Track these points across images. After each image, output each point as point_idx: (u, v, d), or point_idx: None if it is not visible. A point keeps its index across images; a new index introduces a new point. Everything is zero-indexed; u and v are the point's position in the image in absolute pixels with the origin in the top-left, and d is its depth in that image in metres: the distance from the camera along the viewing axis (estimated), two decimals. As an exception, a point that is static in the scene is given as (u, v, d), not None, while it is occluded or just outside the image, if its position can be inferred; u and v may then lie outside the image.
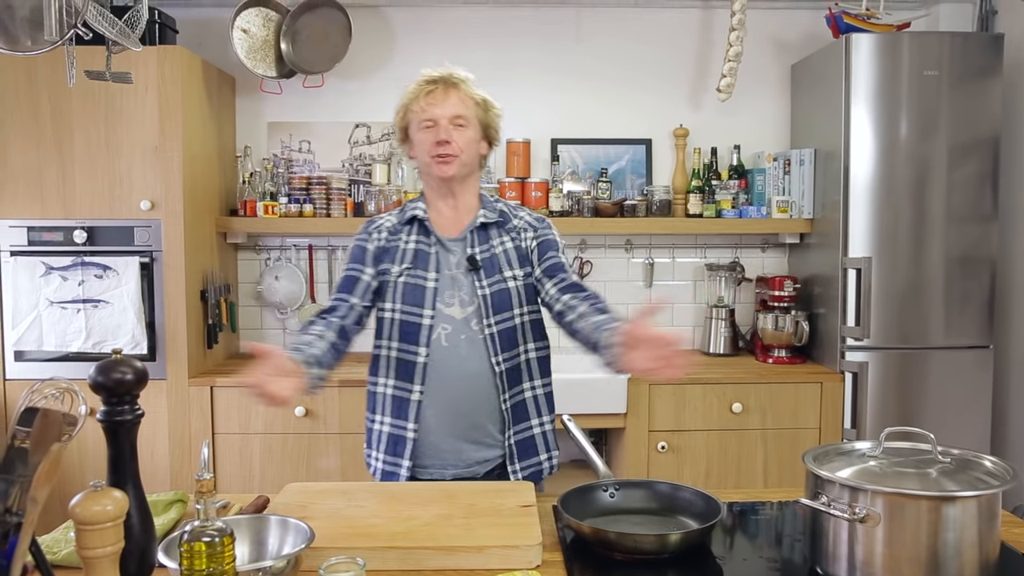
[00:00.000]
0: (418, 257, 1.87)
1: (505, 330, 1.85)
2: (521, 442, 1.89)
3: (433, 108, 1.84)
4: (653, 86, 3.60)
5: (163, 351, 3.02)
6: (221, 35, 3.34)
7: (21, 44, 1.73)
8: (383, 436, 1.93)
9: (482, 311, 1.83)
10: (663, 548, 1.39)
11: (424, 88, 1.88)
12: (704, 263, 3.62)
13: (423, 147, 1.85)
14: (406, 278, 1.86)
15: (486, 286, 1.84)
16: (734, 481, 3.07)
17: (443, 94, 1.85)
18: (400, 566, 1.35)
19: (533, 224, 1.93)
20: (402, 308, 1.86)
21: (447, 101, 1.85)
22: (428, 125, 1.84)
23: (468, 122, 1.86)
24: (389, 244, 1.90)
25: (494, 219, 1.90)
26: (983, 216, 3.09)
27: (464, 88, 1.88)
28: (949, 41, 3.06)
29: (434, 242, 1.88)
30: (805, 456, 1.36)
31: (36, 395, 1.04)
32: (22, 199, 2.97)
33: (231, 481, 3.02)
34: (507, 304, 1.85)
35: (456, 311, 1.84)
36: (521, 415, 1.89)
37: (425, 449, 1.87)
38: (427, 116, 1.84)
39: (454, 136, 1.83)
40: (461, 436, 1.86)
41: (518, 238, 1.90)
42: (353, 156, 3.56)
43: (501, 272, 1.86)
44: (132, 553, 1.17)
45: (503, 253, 1.88)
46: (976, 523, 1.20)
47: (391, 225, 1.93)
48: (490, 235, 1.90)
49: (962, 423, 3.11)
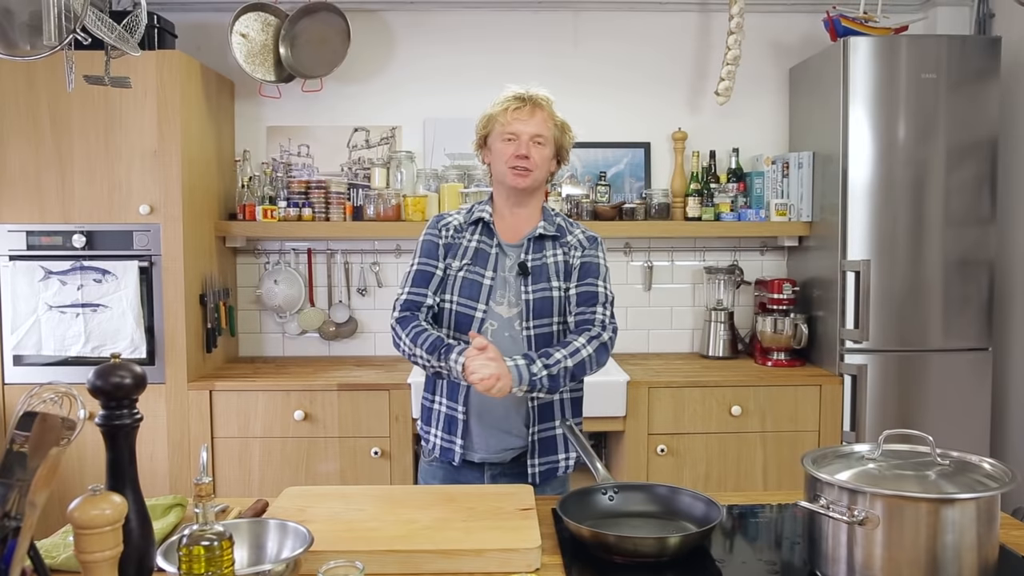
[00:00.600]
0: (478, 255, 2.03)
1: (543, 334, 1.99)
2: (544, 440, 2.01)
3: (518, 124, 1.98)
4: (651, 89, 3.60)
5: (162, 355, 3.02)
6: (220, 40, 3.34)
7: (20, 49, 1.73)
8: (441, 415, 2.05)
9: (523, 313, 1.99)
10: (662, 551, 1.39)
11: (512, 103, 2.01)
12: (703, 266, 3.63)
13: (502, 156, 1.99)
14: (465, 273, 2.01)
15: (531, 292, 2.00)
16: (733, 484, 3.06)
17: (529, 113, 1.99)
18: (399, 570, 1.35)
19: (584, 243, 2.07)
20: (458, 300, 2.00)
21: (532, 120, 1.99)
22: (510, 138, 1.98)
23: (546, 142, 2.00)
24: (454, 241, 2.05)
25: (551, 232, 2.04)
26: (981, 218, 3.10)
27: (547, 109, 2.02)
28: (947, 44, 3.07)
29: (495, 244, 2.04)
30: (804, 459, 1.36)
31: (35, 399, 1.04)
32: (21, 203, 2.97)
33: (230, 485, 3.02)
34: (548, 311, 2.00)
35: (504, 309, 2.00)
36: (546, 414, 2.01)
37: (471, 431, 2.01)
38: (511, 130, 1.98)
39: (532, 152, 1.97)
40: (493, 424, 2.00)
41: (569, 254, 2.05)
42: (352, 160, 3.57)
43: (548, 281, 2.01)
44: (131, 557, 1.17)
45: (553, 264, 2.03)
46: (975, 526, 1.20)
47: (457, 223, 2.07)
48: (545, 246, 2.04)
49: (961, 425, 3.11)
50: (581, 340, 1.94)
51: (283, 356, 3.60)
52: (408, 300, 2.00)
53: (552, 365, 1.87)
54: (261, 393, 3.02)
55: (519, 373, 1.82)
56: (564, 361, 1.89)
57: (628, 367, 3.22)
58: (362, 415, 3.02)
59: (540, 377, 1.85)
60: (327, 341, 3.59)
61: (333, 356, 3.59)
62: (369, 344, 3.62)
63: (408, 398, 2.98)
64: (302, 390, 3.02)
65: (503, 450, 2.00)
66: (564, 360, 1.89)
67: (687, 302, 3.66)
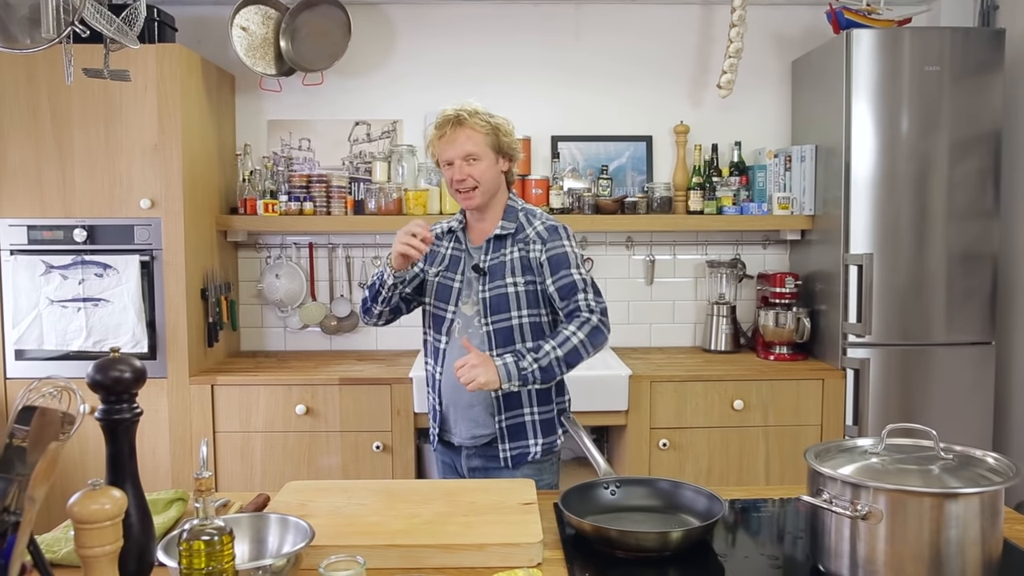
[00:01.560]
0: (451, 261, 2.17)
1: (501, 329, 2.08)
2: (512, 426, 2.10)
3: (447, 150, 2.06)
4: (653, 83, 3.59)
5: (164, 349, 3.02)
6: (220, 33, 3.33)
7: (20, 43, 1.73)
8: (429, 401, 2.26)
9: (481, 311, 2.09)
10: (664, 546, 1.39)
11: (438, 132, 2.08)
12: (705, 260, 3.62)
13: (447, 181, 2.11)
14: (440, 278, 2.17)
15: (487, 290, 2.09)
16: (736, 478, 3.06)
17: (452, 135, 2.05)
18: (401, 564, 1.34)
19: (542, 236, 2.10)
20: (434, 303, 2.17)
21: (456, 142, 2.04)
22: (447, 164, 2.08)
23: (481, 154, 2.05)
24: (435, 249, 2.21)
25: (509, 231, 2.11)
26: (985, 212, 3.08)
27: (471, 124, 2.05)
28: (950, 36, 3.05)
29: (464, 249, 2.17)
30: (807, 453, 1.35)
31: (34, 393, 1.03)
32: (22, 198, 2.97)
33: (232, 479, 3.02)
34: (504, 307, 2.07)
35: (468, 308, 2.13)
36: (513, 403, 2.10)
37: (447, 418, 2.17)
38: (444, 158, 2.08)
39: (467, 171, 2.04)
40: (462, 413, 2.13)
41: (525, 248, 2.10)
42: (353, 154, 3.56)
43: (503, 278, 2.08)
44: (131, 552, 1.17)
45: (510, 261, 2.09)
46: (979, 520, 1.20)
47: (438, 232, 2.23)
48: (504, 244, 2.11)
49: (964, 419, 3.10)
50: (571, 328, 2.01)
51: (285, 350, 3.59)
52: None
53: (541, 357, 1.96)
54: (263, 387, 3.02)
55: (507, 371, 1.93)
56: (554, 351, 1.97)
57: (630, 361, 3.21)
58: (364, 409, 3.02)
59: (532, 370, 1.94)
60: (328, 335, 3.59)
61: (335, 350, 3.59)
62: (371, 338, 3.62)
63: (410, 392, 2.97)
64: (304, 384, 3.01)
65: (474, 436, 2.12)
66: (554, 351, 1.97)
67: (689, 296, 3.65)
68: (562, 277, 2.06)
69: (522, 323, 2.08)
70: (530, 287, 2.08)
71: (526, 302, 2.08)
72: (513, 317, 2.08)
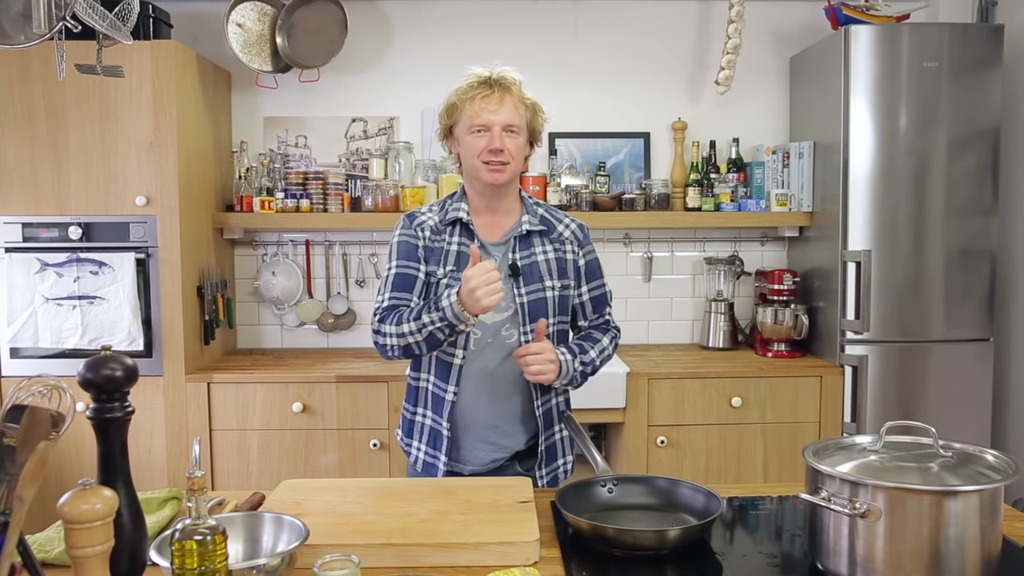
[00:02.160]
0: (461, 260, 1.86)
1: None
2: (549, 448, 1.93)
3: (488, 114, 1.80)
4: (651, 79, 3.58)
5: (160, 347, 3.00)
6: (216, 29, 3.32)
7: (13, 38, 1.72)
8: (425, 429, 1.93)
9: (519, 318, 1.85)
10: (662, 544, 1.38)
11: (478, 91, 1.82)
12: (703, 257, 3.61)
13: (472, 150, 1.82)
14: (449, 280, 1.84)
15: (524, 294, 1.85)
16: (734, 476, 3.05)
17: (498, 100, 1.81)
18: (396, 563, 1.33)
19: (578, 237, 1.95)
20: None
21: (503, 108, 1.81)
22: (480, 130, 1.81)
23: (520, 130, 1.84)
24: (434, 244, 1.88)
25: (538, 227, 1.90)
26: (983, 208, 3.08)
27: (517, 92, 1.85)
28: (949, 32, 3.04)
29: (478, 246, 1.85)
30: (805, 451, 1.34)
31: (23, 392, 1.02)
32: (16, 195, 2.95)
33: (229, 478, 3.01)
34: (542, 313, 1.86)
35: (487, 316, 1.83)
36: (549, 422, 1.92)
37: (458, 446, 1.90)
38: (480, 122, 1.81)
39: (507, 144, 1.81)
40: (480, 436, 1.89)
41: (561, 249, 1.91)
42: (350, 151, 3.55)
43: (541, 281, 1.87)
44: (123, 552, 1.16)
45: (544, 262, 1.89)
46: (978, 518, 1.19)
47: (433, 224, 1.90)
48: (532, 242, 1.89)
49: (962, 416, 3.10)
50: (605, 340, 1.92)
51: (281, 348, 3.58)
52: (390, 306, 1.84)
53: (588, 363, 1.86)
54: (259, 385, 3.01)
55: (567, 368, 1.80)
56: (596, 359, 1.88)
57: (628, 358, 3.20)
58: (361, 407, 3.01)
59: (577, 372, 1.84)
60: (325, 333, 3.58)
61: (331, 348, 3.58)
62: (367, 336, 3.59)
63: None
64: (300, 382, 3.00)
65: (491, 461, 1.90)
66: (595, 360, 1.88)
67: (687, 293, 3.64)
68: (597, 287, 1.96)
69: (553, 331, 1.89)
70: (564, 292, 1.90)
71: (559, 308, 1.89)
72: (548, 325, 1.86)
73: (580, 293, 1.95)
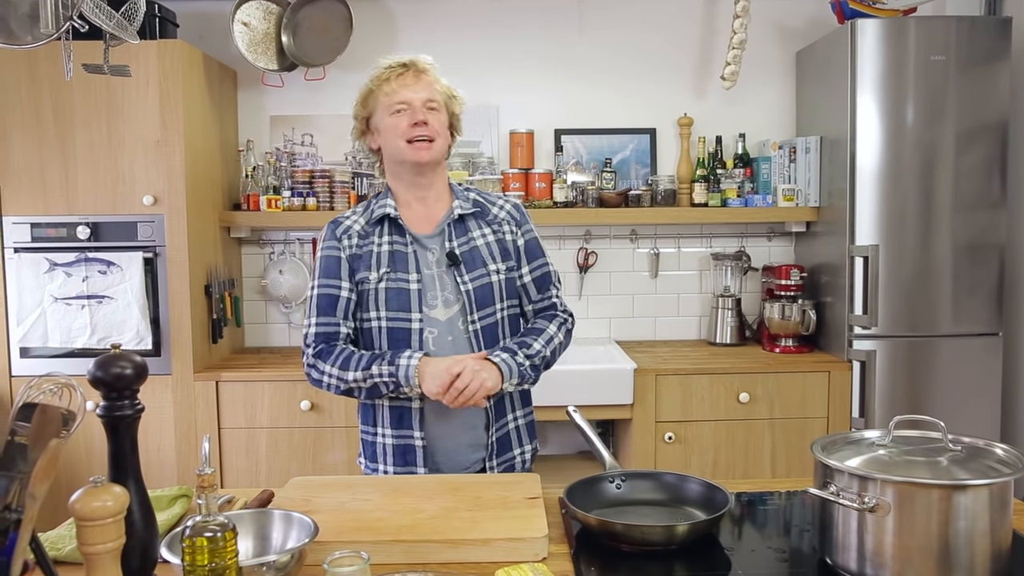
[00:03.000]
0: (395, 259, 1.79)
1: (488, 326, 1.81)
2: (500, 438, 1.85)
3: (405, 91, 1.78)
4: (657, 75, 3.57)
5: (168, 346, 3.01)
6: (222, 28, 3.32)
7: (20, 39, 1.72)
8: (388, 448, 1.84)
9: (466, 307, 1.78)
10: (670, 539, 1.38)
11: (394, 71, 1.80)
12: (710, 252, 3.60)
13: (395, 131, 1.78)
14: (387, 283, 1.78)
15: (468, 281, 1.79)
16: (742, 471, 3.05)
17: (414, 78, 1.79)
18: (405, 559, 1.33)
19: (514, 216, 1.88)
20: (387, 315, 1.78)
21: (419, 84, 1.79)
22: (401, 108, 1.77)
23: (440, 107, 1.81)
24: (361, 251, 1.81)
25: (470, 210, 1.84)
26: (991, 202, 3.06)
27: (432, 74, 1.83)
28: (956, 25, 3.03)
29: (410, 241, 1.80)
30: (813, 445, 1.34)
31: (34, 390, 1.03)
32: (25, 196, 2.97)
33: (237, 476, 3.02)
34: (489, 299, 1.80)
35: (440, 312, 1.78)
36: (501, 410, 1.86)
37: (434, 454, 1.83)
38: (399, 99, 1.77)
39: (430, 118, 1.77)
40: (457, 440, 1.83)
41: (500, 230, 1.85)
42: (356, 149, 3.55)
43: (485, 265, 1.81)
44: (134, 549, 1.16)
45: (485, 246, 1.82)
46: (988, 512, 1.18)
47: (360, 228, 1.83)
48: (468, 227, 1.83)
49: (971, 411, 3.09)
50: (551, 328, 1.83)
51: (289, 346, 3.59)
52: (318, 333, 1.78)
53: (534, 355, 1.77)
54: (267, 383, 3.01)
55: (508, 367, 1.71)
56: (543, 350, 1.78)
57: (635, 355, 3.20)
58: (368, 405, 3.01)
59: (525, 367, 1.74)
60: (333, 331, 3.58)
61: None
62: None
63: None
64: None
65: (471, 463, 1.84)
66: (543, 349, 1.78)
67: (694, 289, 3.64)
68: (539, 267, 1.87)
69: (503, 316, 1.82)
70: (510, 274, 1.84)
71: (507, 291, 1.83)
72: (497, 311, 1.81)
73: (521, 274, 1.86)
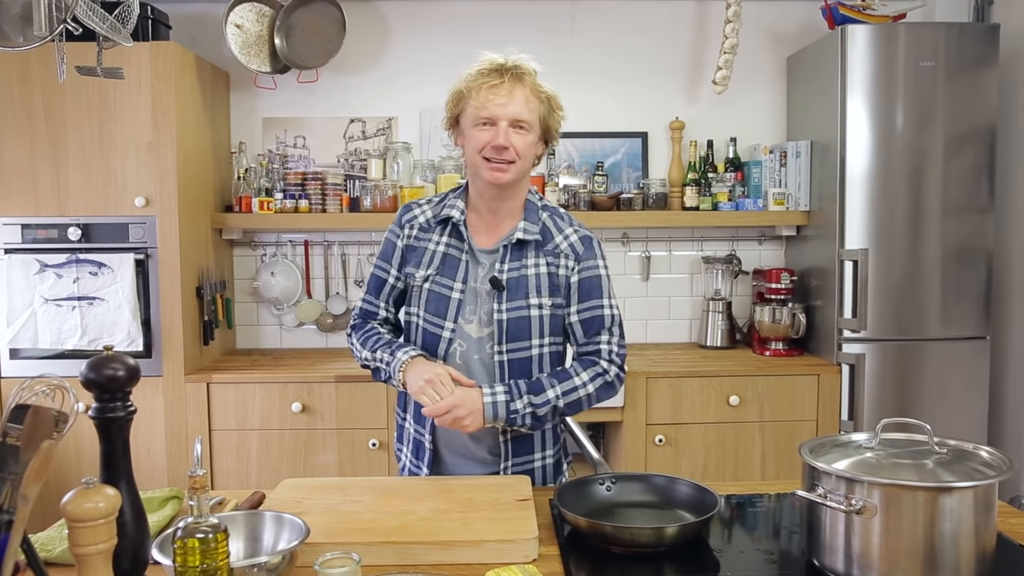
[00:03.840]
0: (446, 263, 1.75)
1: (518, 360, 1.72)
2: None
3: (494, 107, 1.64)
4: (649, 79, 3.59)
5: (159, 348, 3.01)
6: (215, 30, 3.32)
7: (13, 41, 1.72)
8: (410, 437, 1.86)
9: (495, 335, 1.71)
10: (660, 541, 1.39)
11: (487, 80, 1.66)
12: (701, 256, 3.62)
13: (475, 145, 1.67)
14: (431, 285, 1.75)
15: (504, 310, 1.70)
16: (731, 473, 3.06)
17: (508, 92, 1.64)
18: (396, 561, 1.34)
19: (576, 251, 1.75)
20: (425, 316, 1.76)
21: (512, 100, 1.64)
22: (485, 124, 1.66)
23: (530, 126, 1.67)
24: (417, 243, 1.78)
25: (533, 236, 1.73)
26: (979, 207, 3.09)
27: (530, 83, 1.68)
28: (945, 32, 3.05)
29: (466, 249, 1.75)
30: (802, 448, 1.35)
31: (26, 392, 1.03)
32: (16, 196, 2.96)
33: (228, 477, 3.02)
34: (525, 333, 1.71)
35: (473, 329, 1.73)
36: (523, 448, 1.79)
37: (440, 458, 1.82)
38: (486, 114, 1.65)
39: (513, 140, 1.65)
40: (461, 452, 1.80)
41: (555, 263, 1.74)
42: (348, 151, 3.55)
43: (526, 298, 1.71)
44: (126, 550, 1.17)
45: (534, 277, 1.72)
46: (973, 514, 1.20)
47: (424, 220, 1.79)
48: (525, 254, 1.73)
49: (959, 414, 3.11)
50: (583, 377, 1.71)
51: (280, 348, 3.59)
52: (363, 309, 1.86)
53: (540, 404, 1.65)
54: (259, 385, 3.01)
55: (495, 411, 1.62)
56: (556, 401, 1.67)
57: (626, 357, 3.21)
58: (360, 407, 3.01)
59: (523, 415, 1.64)
60: (324, 333, 3.58)
61: (330, 348, 3.58)
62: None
63: (406, 390, 2.97)
64: (300, 382, 3.01)
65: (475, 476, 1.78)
66: (556, 400, 1.67)
67: (685, 292, 3.65)
68: (591, 308, 1.74)
69: (543, 353, 1.73)
70: (556, 311, 1.73)
71: (549, 328, 1.72)
72: (534, 346, 1.72)
73: (569, 312, 1.75)
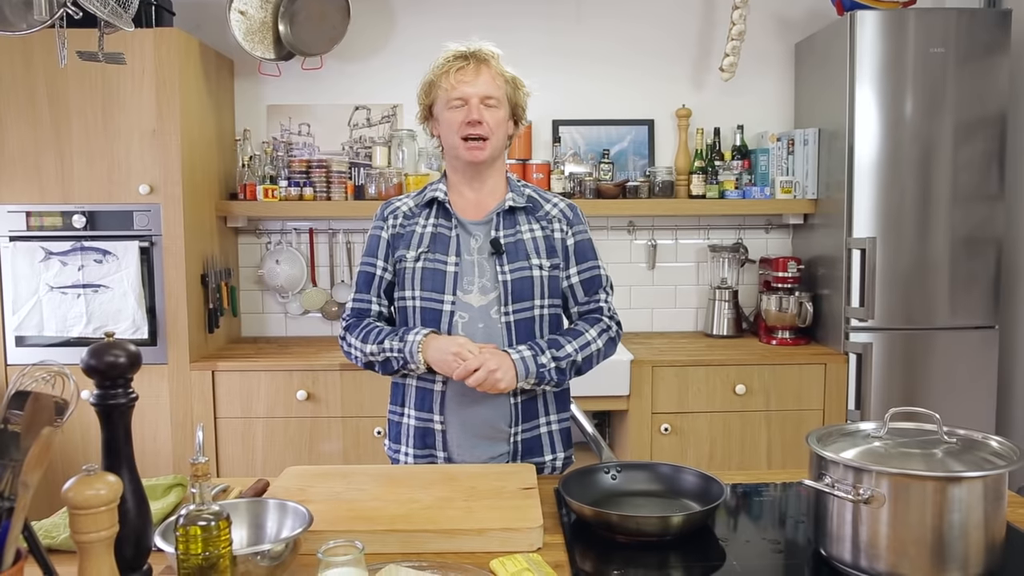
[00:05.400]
0: (436, 240, 1.81)
1: (523, 320, 1.78)
2: (527, 440, 1.82)
3: (463, 86, 1.77)
4: (655, 66, 3.56)
5: (164, 335, 3.01)
6: (219, 17, 3.30)
7: (15, 26, 1.71)
8: (411, 430, 1.84)
9: (501, 297, 1.77)
10: (666, 530, 1.38)
11: (453, 64, 1.78)
12: (707, 244, 3.60)
13: (451, 127, 1.78)
14: (424, 263, 1.79)
15: (508, 272, 1.77)
16: (737, 463, 3.06)
17: (474, 71, 1.78)
18: (400, 549, 1.33)
19: (567, 215, 1.86)
20: (422, 295, 1.79)
21: (478, 79, 1.77)
22: (458, 104, 1.77)
23: (499, 102, 1.80)
24: (404, 230, 1.84)
25: (522, 204, 1.83)
26: (989, 195, 3.06)
27: (495, 65, 1.81)
28: (956, 18, 3.02)
29: (455, 225, 1.81)
30: (809, 437, 1.34)
31: (27, 378, 1.02)
32: (20, 184, 2.95)
33: (233, 465, 3.02)
34: (528, 293, 1.78)
35: (474, 298, 1.78)
36: (530, 412, 1.82)
37: (452, 440, 1.81)
38: (457, 94, 1.77)
39: (485, 116, 1.76)
40: (477, 431, 1.80)
41: (549, 227, 1.83)
42: (353, 139, 3.54)
43: (527, 259, 1.79)
44: (127, 537, 1.16)
45: (531, 240, 1.81)
46: (982, 504, 1.19)
47: (408, 209, 1.87)
48: (517, 220, 1.82)
49: (967, 403, 3.09)
50: (592, 332, 1.79)
51: (285, 336, 3.59)
52: (354, 308, 1.87)
53: (562, 358, 1.73)
54: (263, 373, 3.01)
55: (525, 366, 1.69)
56: (575, 355, 1.74)
57: (632, 346, 3.20)
58: (365, 395, 3.01)
59: (549, 369, 1.71)
60: (329, 321, 3.58)
61: (335, 336, 3.57)
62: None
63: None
64: (304, 370, 3.01)
65: (490, 458, 1.81)
66: (575, 353, 1.74)
67: (691, 280, 3.64)
68: (589, 269, 1.84)
69: (543, 314, 1.80)
70: (554, 272, 1.81)
71: (549, 289, 1.80)
72: (536, 306, 1.78)
73: (568, 275, 1.84)
